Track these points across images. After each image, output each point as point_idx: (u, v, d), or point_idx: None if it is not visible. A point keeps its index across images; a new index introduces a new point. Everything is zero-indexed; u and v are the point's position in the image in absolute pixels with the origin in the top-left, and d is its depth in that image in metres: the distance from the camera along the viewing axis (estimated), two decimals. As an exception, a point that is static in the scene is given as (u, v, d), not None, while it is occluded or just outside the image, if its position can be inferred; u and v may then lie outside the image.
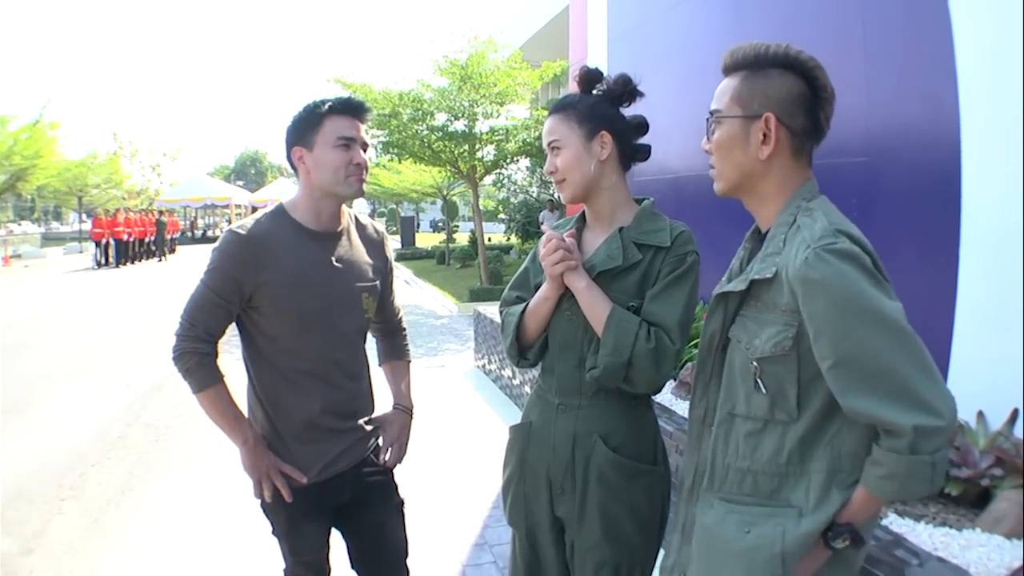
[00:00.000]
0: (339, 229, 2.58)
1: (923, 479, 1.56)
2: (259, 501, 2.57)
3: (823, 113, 1.78)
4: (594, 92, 2.31)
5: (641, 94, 2.30)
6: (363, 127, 2.51)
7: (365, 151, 2.51)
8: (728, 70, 1.84)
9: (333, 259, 2.53)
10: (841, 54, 4.69)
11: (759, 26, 5.87)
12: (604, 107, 2.27)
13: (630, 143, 2.31)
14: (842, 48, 4.74)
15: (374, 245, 2.71)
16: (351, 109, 2.47)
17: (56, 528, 4.85)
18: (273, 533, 2.66)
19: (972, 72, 3.87)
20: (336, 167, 2.42)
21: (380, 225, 2.83)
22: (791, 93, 1.75)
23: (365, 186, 2.56)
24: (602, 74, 2.30)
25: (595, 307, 2.16)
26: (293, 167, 2.51)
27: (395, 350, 2.97)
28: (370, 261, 2.66)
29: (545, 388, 2.37)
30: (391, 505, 2.76)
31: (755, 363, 1.74)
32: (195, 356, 2.43)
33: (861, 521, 1.67)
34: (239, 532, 4.66)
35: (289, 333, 2.47)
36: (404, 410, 2.85)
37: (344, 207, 2.62)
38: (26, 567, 4.33)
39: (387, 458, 2.75)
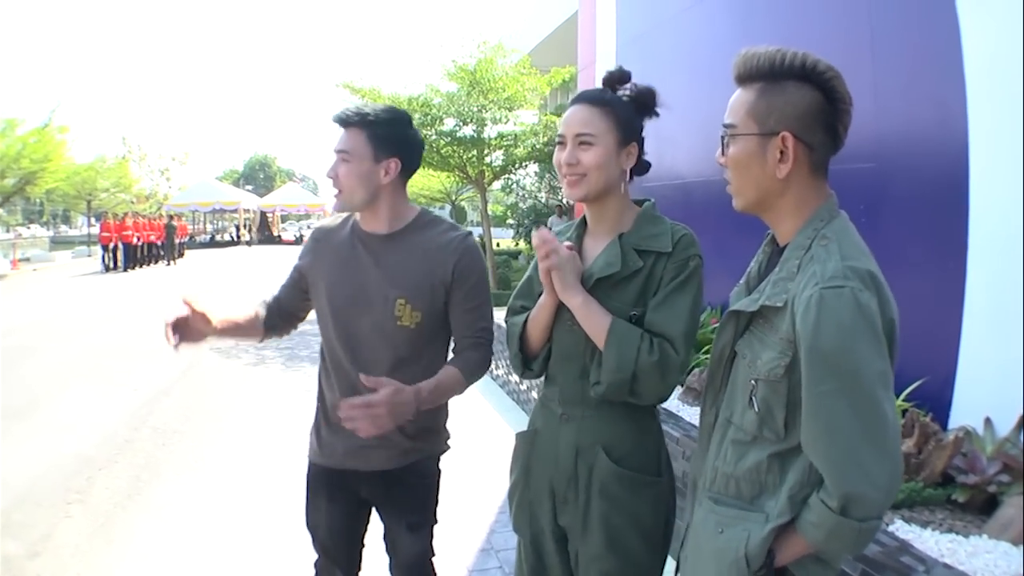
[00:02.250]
0: (396, 231, 2.56)
1: (847, 541, 1.60)
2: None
3: (841, 124, 1.74)
4: (619, 94, 2.24)
5: (657, 114, 2.27)
6: (345, 138, 2.57)
7: (344, 163, 2.58)
8: (742, 80, 1.78)
9: (374, 261, 2.54)
10: (849, 59, 4.69)
11: (768, 31, 5.88)
12: (637, 118, 2.23)
13: (642, 157, 2.27)
14: (850, 53, 4.74)
15: (436, 254, 2.54)
16: (336, 121, 2.58)
17: (63, 531, 4.86)
18: None
19: (980, 78, 3.87)
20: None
21: (460, 237, 2.58)
22: (809, 108, 1.70)
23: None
24: (630, 77, 2.25)
25: (593, 323, 2.12)
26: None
27: (455, 360, 2.63)
28: (420, 267, 2.52)
29: (549, 397, 2.35)
30: (403, 523, 2.71)
31: (753, 381, 1.75)
32: (261, 305, 2.81)
33: (787, 556, 1.69)
34: (245, 537, 4.68)
35: (322, 324, 2.65)
36: (407, 387, 2.36)
37: (404, 212, 2.60)
38: (33, 570, 4.34)
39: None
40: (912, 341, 4.23)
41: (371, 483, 2.64)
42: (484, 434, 6.89)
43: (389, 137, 2.51)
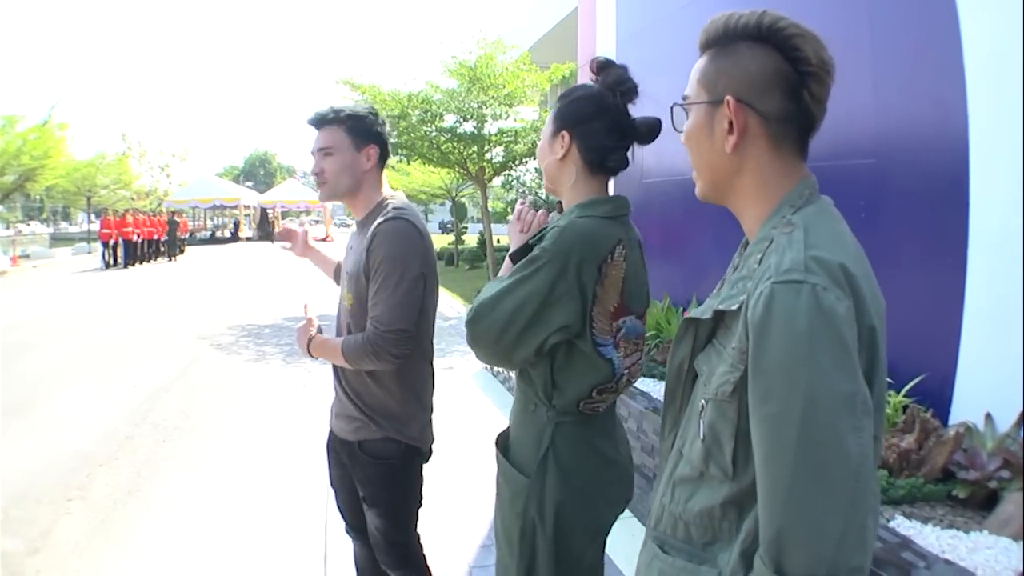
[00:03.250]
0: (364, 217, 2.80)
1: None
2: None
3: (807, 91, 1.45)
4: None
5: (634, 93, 2.14)
6: (324, 136, 2.78)
7: (327, 157, 2.77)
8: (702, 48, 1.59)
9: (353, 245, 2.82)
10: (849, 56, 4.68)
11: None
12: (574, 107, 2.16)
13: (595, 147, 2.14)
14: (850, 50, 4.73)
15: (367, 241, 2.66)
16: (313, 123, 2.82)
17: (63, 528, 4.87)
18: None
19: (980, 73, 3.87)
20: None
21: (380, 222, 2.64)
22: (763, 70, 1.45)
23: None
24: (610, 64, 2.15)
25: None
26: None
27: (349, 335, 2.76)
28: (359, 253, 2.72)
29: None
30: (360, 494, 2.89)
31: (703, 401, 1.46)
32: None
33: None
34: (245, 533, 4.69)
35: None
36: (313, 328, 2.86)
37: (375, 198, 2.83)
38: (32, 567, 4.34)
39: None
40: (913, 337, 4.23)
41: (342, 449, 2.89)
42: (484, 429, 6.88)
43: (364, 128, 2.78)
